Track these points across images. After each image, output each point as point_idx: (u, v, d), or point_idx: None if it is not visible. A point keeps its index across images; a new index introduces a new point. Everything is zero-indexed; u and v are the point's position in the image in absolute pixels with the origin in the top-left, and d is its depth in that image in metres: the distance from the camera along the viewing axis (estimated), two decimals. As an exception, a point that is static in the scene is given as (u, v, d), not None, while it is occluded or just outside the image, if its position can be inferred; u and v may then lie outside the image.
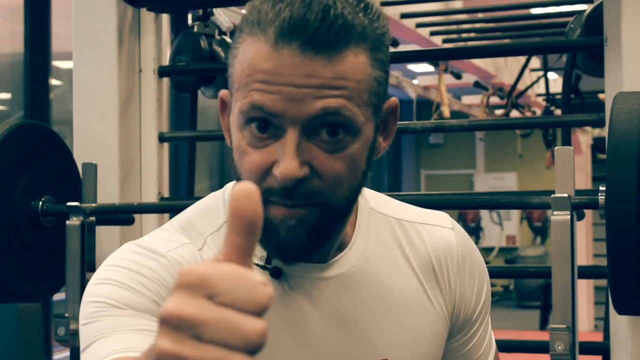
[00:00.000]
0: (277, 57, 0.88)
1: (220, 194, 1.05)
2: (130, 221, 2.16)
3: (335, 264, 1.01)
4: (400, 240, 1.07)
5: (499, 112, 6.56)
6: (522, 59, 5.34)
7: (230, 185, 1.05)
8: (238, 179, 0.95)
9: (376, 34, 0.93)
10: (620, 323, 1.81)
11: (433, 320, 1.06)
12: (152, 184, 2.23)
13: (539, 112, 6.71)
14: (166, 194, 2.29)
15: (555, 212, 1.62)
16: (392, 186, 11.57)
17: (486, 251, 11.62)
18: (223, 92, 0.99)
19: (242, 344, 0.56)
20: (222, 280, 0.56)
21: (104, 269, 0.96)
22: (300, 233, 0.92)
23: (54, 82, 4.69)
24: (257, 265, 0.98)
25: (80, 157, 2.14)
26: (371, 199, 1.08)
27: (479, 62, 5.29)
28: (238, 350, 0.56)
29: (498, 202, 2.07)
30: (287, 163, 0.88)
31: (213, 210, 1.03)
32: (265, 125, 0.90)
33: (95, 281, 0.96)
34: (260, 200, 0.58)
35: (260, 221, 0.58)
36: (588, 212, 1.81)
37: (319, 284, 1.00)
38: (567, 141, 2.37)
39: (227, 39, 2.51)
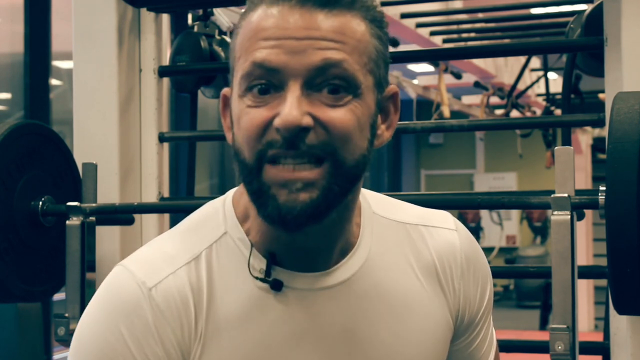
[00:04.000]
0: (277, 14, 0.90)
1: (220, 202, 1.03)
2: (130, 221, 2.16)
3: (337, 271, 0.99)
4: (403, 244, 1.05)
5: (499, 112, 6.56)
6: (522, 59, 5.34)
7: (230, 194, 1.03)
8: (236, 153, 0.93)
9: (375, 12, 0.95)
10: (620, 323, 1.81)
11: (436, 324, 1.05)
12: (152, 184, 2.23)
13: (539, 112, 6.71)
14: (166, 194, 2.29)
15: (555, 212, 1.62)
16: (392, 186, 11.56)
17: (486, 251, 11.53)
18: (225, 90, 0.99)
19: None
20: None
21: (94, 330, 0.94)
22: (305, 200, 0.89)
23: (54, 82, 4.68)
24: (257, 278, 0.96)
25: (80, 157, 2.13)
26: (373, 203, 1.07)
27: (479, 62, 5.29)
28: None
29: (498, 202, 2.07)
30: (289, 109, 0.87)
31: (212, 220, 1.01)
32: (267, 88, 0.90)
33: (80, 346, 0.94)
34: None
35: None
36: (588, 212, 1.81)
37: (321, 294, 0.98)
38: (567, 141, 2.37)
39: (227, 39, 2.51)
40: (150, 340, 0.93)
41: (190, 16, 3.54)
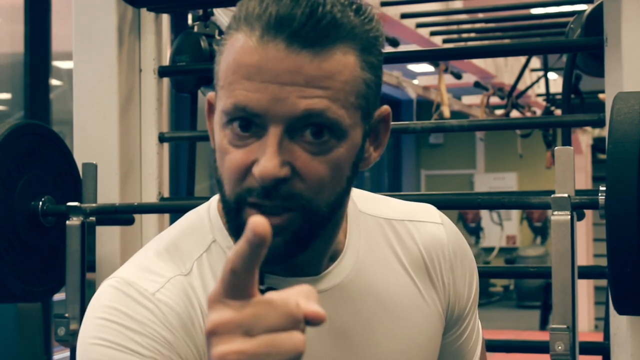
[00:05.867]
0: (263, 51, 0.86)
1: (205, 210, 1.02)
2: (131, 221, 2.16)
3: (328, 276, 0.99)
4: (391, 241, 1.05)
5: (499, 112, 6.56)
6: (522, 59, 5.34)
7: (214, 201, 1.02)
8: (218, 181, 0.93)
9: (368, 36, 0.91)
10: (620, 323, 1.81)
11: (429, 319, 1.06)
12: (152, 184, 2.23)
13: (539, 112, 6.71)
14: (166, 194, 2.29)
15: (555, 212, 1.62)
16: (392, 186, 11.57)
17: (486, 251, 11.62)
18: (210, 95, 0.97)
19: (291, 323, 0.65)
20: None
21: (94, 322, 0.92)
22: (278, 242, 0.88)
23: (54, 82, 4.68)
24: None
25: (80, 157, 2.13)
26: (359, 201, 1.06)
27: (479, 62, 5.29)
28: (288, 330, 0.65)
29: (498, 202, 2.07)
30: (266, 161, 0.86)
31: (198, 229, 1.00)
32: (248, 124, 0.88)
33: (87, 339, 0.92)
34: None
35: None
36: (588, 212, 1.81)
37: None
38: (567, 141, 2.37)
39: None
40: (162, 347, 0.91)
41: (190, 16, 3.54)
